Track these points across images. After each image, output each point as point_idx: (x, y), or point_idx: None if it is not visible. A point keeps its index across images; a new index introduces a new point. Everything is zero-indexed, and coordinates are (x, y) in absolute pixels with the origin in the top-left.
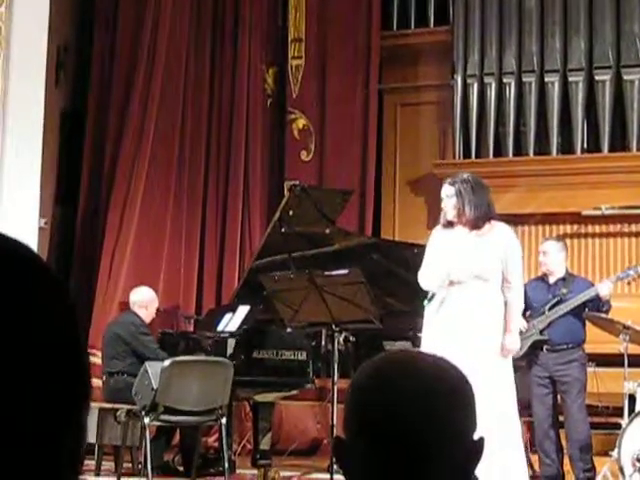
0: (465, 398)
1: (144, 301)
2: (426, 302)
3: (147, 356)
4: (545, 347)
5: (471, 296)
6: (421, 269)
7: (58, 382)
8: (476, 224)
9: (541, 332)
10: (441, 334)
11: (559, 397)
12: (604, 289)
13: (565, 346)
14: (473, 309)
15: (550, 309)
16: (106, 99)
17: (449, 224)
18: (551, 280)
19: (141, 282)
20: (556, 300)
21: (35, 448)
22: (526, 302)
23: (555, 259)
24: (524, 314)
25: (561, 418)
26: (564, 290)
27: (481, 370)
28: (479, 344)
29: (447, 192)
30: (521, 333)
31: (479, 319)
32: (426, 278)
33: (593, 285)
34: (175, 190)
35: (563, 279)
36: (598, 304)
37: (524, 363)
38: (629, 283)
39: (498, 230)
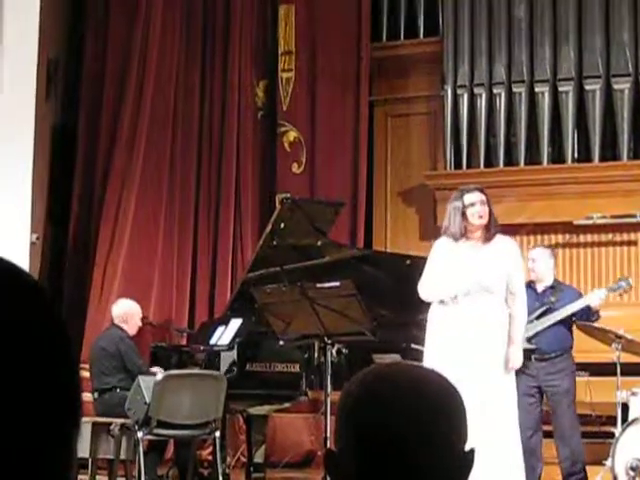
0: (455, 409)
1: (123, 315)
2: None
3: (134, 372)
4: (533, 356)
5: (479, 308)
6: (423, 279)
7: (47, 402)
8: (493, 236)
9: (529, 340)
10: (448, 348)
11: (548, 407)
12: (594, 300)
13: (554, 354)
14: (482, 321)
15: (538, 318)
16: (97, 113)
17: (463, 235)
18: (539, 288)
19: (133, 296)
20: (544, 309)
21: (23, 468)
22: None
23: (543, 266)
24: None
25: (548, 428)
26: (552, 299)
27: (487, 384)
28: (487, 357)
29: (482, 198)
30: None
31: (487, 332)
32: (430, 290)
33: (582, 295)
34: (167, 204)
35: (552, 287)
36: (587, 313)
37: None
38: (620, 295)
39: (503, 242)
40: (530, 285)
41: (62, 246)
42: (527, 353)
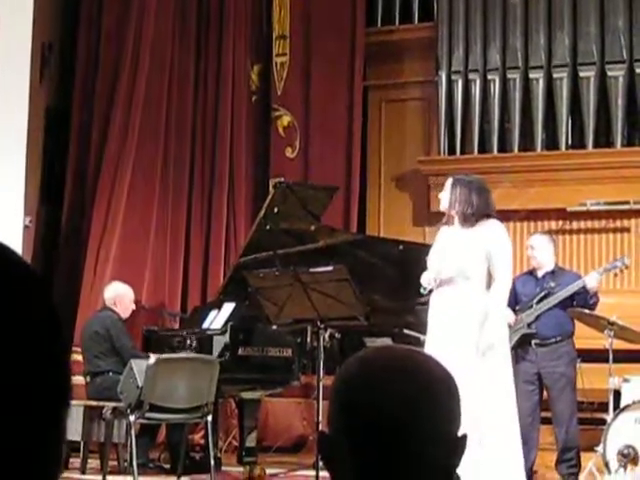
0: (447, 393)
1: (114, 297)
2: (422, 290)
3: (125, 355)
4: (534, 342)
5: (443, 299)
6: None
7: (38, 381)
8: (468, 223)
9: (529, 325)
10: (429, 333)
11: (546, 393)
12: (591, 281)
13: (554, 339)
14: (450, 307)
15: (538, 302)
16: (91, 96)
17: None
18: (539, 274)
19: (126, 279)
20: (544, 293)
21: (13, 449)
22: (515, 296)
23: (543, 252)
24: (513, 308)
25: (546, 414)
26: (552, 283)
27: (463, 368)
28: (457, 342)
29: (445, 185)
30: (510, 327)
31: (456, 317)
32: (423, 277)
33: (581, 278)
34: (160, 187)
35: (552, 272)
36: (586, 297)
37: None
38: (616, 275)
39: (486, 226)
40: (531, 272)
41: (55, 228)
42: (527, 339)
